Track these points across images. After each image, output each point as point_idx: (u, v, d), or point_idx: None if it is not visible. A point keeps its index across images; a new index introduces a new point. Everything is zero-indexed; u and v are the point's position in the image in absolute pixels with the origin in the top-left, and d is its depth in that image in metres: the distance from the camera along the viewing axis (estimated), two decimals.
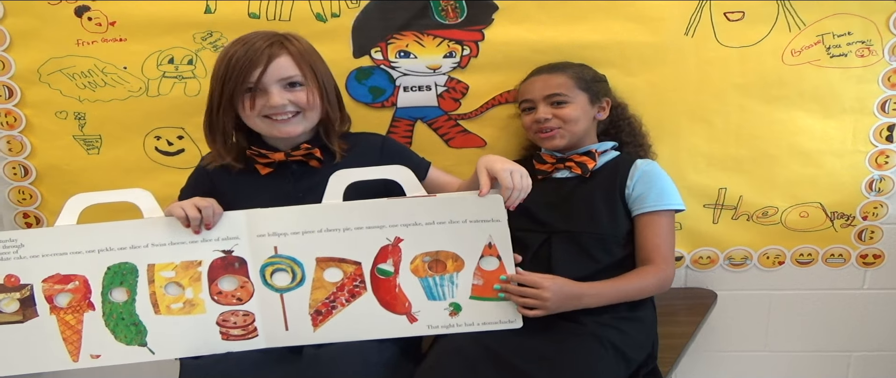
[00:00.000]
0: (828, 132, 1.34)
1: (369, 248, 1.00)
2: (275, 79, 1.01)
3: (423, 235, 0.99)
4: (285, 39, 1.05)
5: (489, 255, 0.99)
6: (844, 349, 1.53)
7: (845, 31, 1.28)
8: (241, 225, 0.99)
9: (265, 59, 1.00)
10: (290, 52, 1.03)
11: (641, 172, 1.17)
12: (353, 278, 1.00)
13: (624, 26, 1.29)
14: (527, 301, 0.99)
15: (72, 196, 1.39)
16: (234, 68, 1.01)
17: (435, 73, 1.33)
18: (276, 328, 1.02)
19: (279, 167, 1.09)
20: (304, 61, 1.04)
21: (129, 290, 1.00)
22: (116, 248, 0.99)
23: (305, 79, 1.04)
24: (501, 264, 1.00)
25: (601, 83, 1.25)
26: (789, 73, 1.31)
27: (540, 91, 1.20)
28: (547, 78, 1.21)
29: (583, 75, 1.22)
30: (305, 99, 1.04)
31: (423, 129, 1.37)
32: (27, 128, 1.38)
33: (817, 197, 1.39)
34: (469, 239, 0.99)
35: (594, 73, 1.25)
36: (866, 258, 1.45)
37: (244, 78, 1.00)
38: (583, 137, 1.22)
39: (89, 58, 1.33)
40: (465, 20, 1.30)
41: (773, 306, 1.50)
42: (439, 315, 1.01)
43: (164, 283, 1.00)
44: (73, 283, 1.00)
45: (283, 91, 1.02)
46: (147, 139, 1.39)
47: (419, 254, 0.99)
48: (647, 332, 1.16)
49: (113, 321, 1.00)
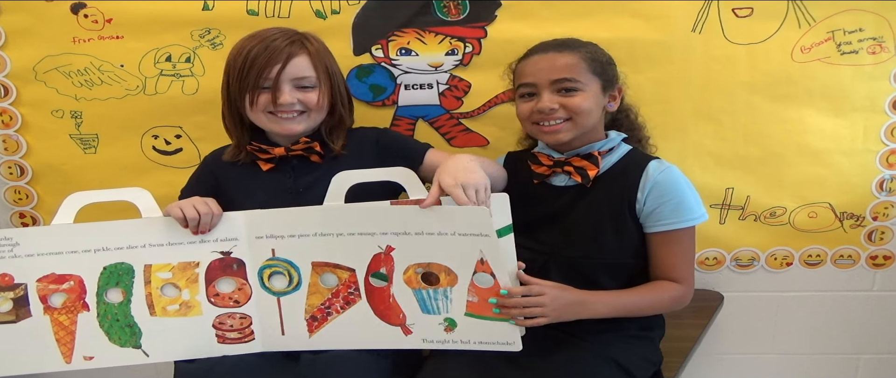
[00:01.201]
0: (838, 131, 1.32)
1: (362, 254, 0.97)
2: (289, 77, 1.01)
3: (414, 245, 0.95)
4: (304, 38, 1.04)
5: (482, 272, 0.94)
6: (853, 352, 1.51)
7: (857, 28, 1.26)
8: (239, 226, 0.97)
9: (284, 58, 1.00)
10: (309, 52, 1.03)
11: (653, 183, 1.00)
12: (348, 285, 0.98)
13: (630, 23, 1.27)
14: (526, 311, 0.92)
15: (68, 196, 1.39)
16: (252, 63, 1.00)
17: (437, 70, 1.31)
18: (273, 332, 1.00)
19: (280, 162, 1.08)
20: (320, 62, 1.04)
21: (125, 290, 0.98)
22: (113, 247, 0.97)
23: (318, 81, 1.04)
24: (496, 282, 0.93)
25: (613, 66, 1.06)
26: (799, 71, 1.28)
27: (546, 74, 1.00)
28: (554, 57, 1.00)
29: (596, 56, 1.02)
30: (315, 100, 1.04)
31: (424, 128, 1.35)
32: (23, 127, 1.37)
33: (826, 197, 1.37)
34: (460, 253, 0.93)
35: (607, 55, 1.06)
36: (876, 259, 1.42)
37: (262, 74, 1.00)
38: (590, 132, 1.04)
39: (86, 55, 1.31)
40: (467, 17, 1.28)
41: (780, 308, 1.48)
42: (434, 329, 0.98)
43: (160, 285, 0.98)
44: (68, 283, 0.98)
45: (294, 90, 1.02)
46: (144, 138, 1.37)
47: (412, 264, 0.96)
48: (656, 349, 1.09)
49: (107, 322, 0.99)
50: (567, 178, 1.05)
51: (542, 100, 1.00)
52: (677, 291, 1.00)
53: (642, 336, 1.04)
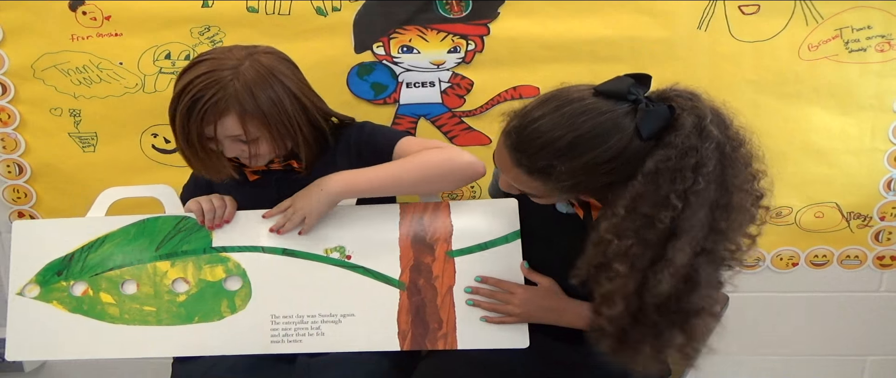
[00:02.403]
0: (845, 130, 1.30)
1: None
2: (225, 135, 0.91)
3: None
4: (236, 77, 0.89)
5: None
6: (860, 353, 1.50)
7: (865, 25, 1.24)
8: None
9: (213, 119, 0.89)
10: (237, 111, 0.89)
11: None
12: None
13: (635, 20, 1.25)
14: (494, 306, 0.93)
15: (67, 194, 1.39)
16: (189, 116, 0.89)
17: (439, 68, 1.30)
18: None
19: (265, 175, 1.05)
20: (252, 118, 0.90)
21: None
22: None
23: (252, 134, 0.92)
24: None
25: (610, 175, 0.75)
26: (805, 69, 1.27)
27: (510, 180, 0.83)
28: (519, 175, 0.79)
29: (581, 187, 0.78)
30: (262, 150, 0.94)
31: (426, 127, 1.33)
32: (21, 125, 1.35)
33: (833, 197, 1.35)
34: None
35: (611, 180, 0.76)
36: (883, 260, 1.41)
37: (202, 133, 0.91)
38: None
39: (84, 53, 1.30)
40: (469, 14, 1.26)
41: (786, 309, 1.46)
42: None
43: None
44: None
45: (234, 144, 0.93)
46: (144, 137, 1.36)
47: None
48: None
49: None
50: (568, 207, 0.94)
51: (502, 183, 0.87)
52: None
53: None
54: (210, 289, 0.96)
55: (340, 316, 0.95)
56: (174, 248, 0.98)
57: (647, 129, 0.72)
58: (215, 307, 0.96)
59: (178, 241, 0.98)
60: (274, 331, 0.95)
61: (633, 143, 0.73)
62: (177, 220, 0.98)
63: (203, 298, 0.96)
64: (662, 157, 0.72)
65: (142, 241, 0.98)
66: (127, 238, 0.98)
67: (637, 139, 0.73)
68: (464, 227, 0.97)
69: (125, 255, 0.97)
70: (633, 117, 0.73)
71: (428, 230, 0.97)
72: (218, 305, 0.96)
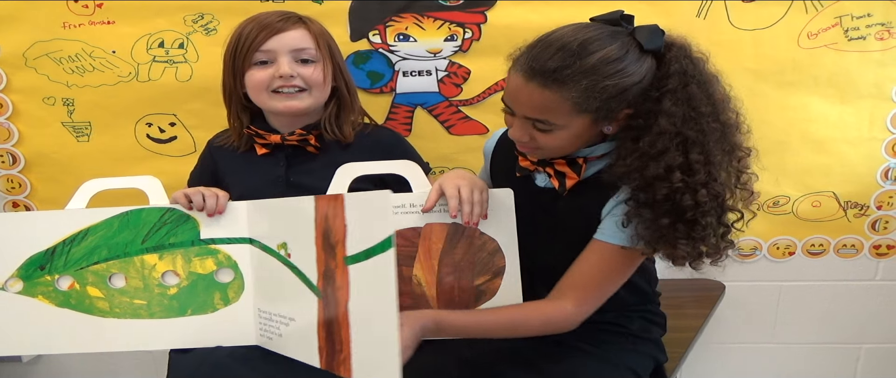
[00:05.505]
0: (843, 119, 1.30)
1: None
2: (287, 49, 1.01)
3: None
4: (301, 17, 1.05)
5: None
6: (855, 341, 1.51)
7: (865, 13, 1.23)
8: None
9: (278, 29, 1.00)
10: (308, 28, 1.03)
11: (619, 201, 0.87)
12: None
13: (633, 8, 1.19)
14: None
15: (62, 184, 1.37)
16: (248, 38, 1.00)
17: (435, 57, 1.29)
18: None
19: (275, 149, 1.07)
20: (321, 38, 1.04)
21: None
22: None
23: (319, 55, 1.03)
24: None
25: (625, 93, 0.82)
26: (805, 57, 1.26)
27: (520, 106, 0.84)
28: (532, 92, 0.81)
29: (594, 92, 0.80)
30: (315, 75, 1.02)
31: (423, 116, 1.33)
32: (14, 114, 1.34)
33: (830, 186, 1.35)
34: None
35: (618, 83, 0.80)
36: (880, 249, 1.41)
37: (255, 46, 1.00)
38: (571, 151, 0.90)
39: (76, 41, 1.28)
40: (466, 2, 1.25)
41: (782, 298, 1.47)
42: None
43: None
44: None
45: (293, 63, 1.01)
46: (138, 126, 1.35)
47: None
48: (661, 348, 1.05)
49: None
50: (546, 179, 0.93)
51: (514, 127, 0.88)
52: (556, 310, 0.89)
53: (645, 337, 1.02)
54: (202, 281, 0.95)
55: (289, 319, 0.89)
56: (161, 241, 0.95)
57: (646, 39, 0.82)
58: (208, 299, 0.95)
59: (165, 234, 0.96)
60: (260, 325, 0.94)
61: (632, 50, 0.82)
62: (161, 212, 0.96)
63: (195, 291, 0.95)
64: (678, 69, 0.82)
65: (126, 233, 0.95)
66: (111, 231, 0.95)
67: (636, 49, 0.82)
68: (356, 227, 0.79)
69: (110, 248, 0.95)
70: (629, 35, 0.83)
71: (332, 228, 0.81)
72: (211, 298, 0.95)
